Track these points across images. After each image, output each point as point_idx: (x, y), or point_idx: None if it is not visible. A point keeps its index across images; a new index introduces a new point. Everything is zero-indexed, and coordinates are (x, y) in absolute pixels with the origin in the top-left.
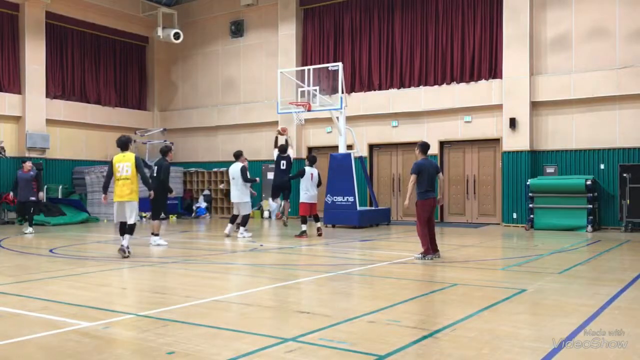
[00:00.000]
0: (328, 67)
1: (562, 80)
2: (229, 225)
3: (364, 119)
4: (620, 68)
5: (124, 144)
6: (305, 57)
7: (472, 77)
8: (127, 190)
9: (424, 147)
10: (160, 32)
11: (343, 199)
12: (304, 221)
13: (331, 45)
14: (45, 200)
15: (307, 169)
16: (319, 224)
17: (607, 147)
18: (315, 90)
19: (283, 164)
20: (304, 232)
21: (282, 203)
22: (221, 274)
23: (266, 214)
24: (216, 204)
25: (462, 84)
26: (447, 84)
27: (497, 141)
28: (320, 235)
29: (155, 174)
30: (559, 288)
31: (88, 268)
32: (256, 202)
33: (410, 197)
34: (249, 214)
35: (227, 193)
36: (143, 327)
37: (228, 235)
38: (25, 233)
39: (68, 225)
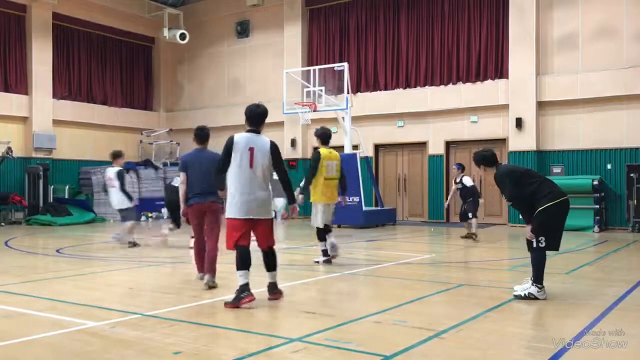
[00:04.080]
0: (334, 67)
1: (569, 80)
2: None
3: (369, 119)
4: (627, 68)
5: (328, 137)
6: (310, 58)
7: (478, 77)
8: (336, 192)
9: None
10: (166, 32)
11: (349, 199)
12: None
13: (337, 46)
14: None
15: None
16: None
17: (614, 147)
18: (321, 90)
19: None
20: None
21: None
22: (227, 274)
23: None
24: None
25: (468, 84)
26: (453, 84)
27: (503, 141)
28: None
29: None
30: (565, 289)
31: (95, 268)
32: None
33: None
34: None
35: None
36: (150, 327)
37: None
38: None
39: (75, 225)
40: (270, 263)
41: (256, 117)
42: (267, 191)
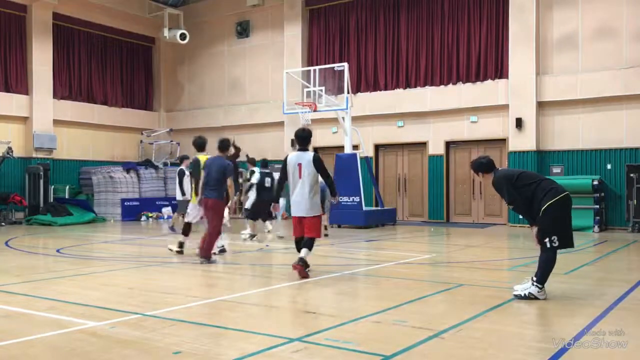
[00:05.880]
0: (334, 67)
1: (569, 80)
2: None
3: (369, 119)
4: (627, 68)
5: (202, 145)
6: (311, 58)
7: (478, 77)
8: None
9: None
10: (166, 32)
11: (349, 199)
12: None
13: (337, 46)
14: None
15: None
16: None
17: (614, 147)
18: (321, 90)
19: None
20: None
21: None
22: (227, 274)
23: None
24: None
25: (468, 84)
26: (453, 84)
27: (503, 141)
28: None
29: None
30: (565, 289)
31: (95, 268)
32: None
33: None
34: None
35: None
36: (150, 327)
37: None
38: None
39: (75, 225)
40: (303, 245)
41: (302, 139)
42: (314, 195)
